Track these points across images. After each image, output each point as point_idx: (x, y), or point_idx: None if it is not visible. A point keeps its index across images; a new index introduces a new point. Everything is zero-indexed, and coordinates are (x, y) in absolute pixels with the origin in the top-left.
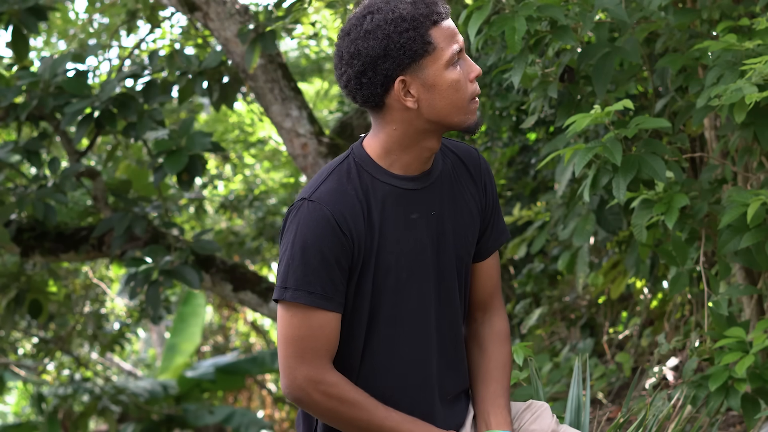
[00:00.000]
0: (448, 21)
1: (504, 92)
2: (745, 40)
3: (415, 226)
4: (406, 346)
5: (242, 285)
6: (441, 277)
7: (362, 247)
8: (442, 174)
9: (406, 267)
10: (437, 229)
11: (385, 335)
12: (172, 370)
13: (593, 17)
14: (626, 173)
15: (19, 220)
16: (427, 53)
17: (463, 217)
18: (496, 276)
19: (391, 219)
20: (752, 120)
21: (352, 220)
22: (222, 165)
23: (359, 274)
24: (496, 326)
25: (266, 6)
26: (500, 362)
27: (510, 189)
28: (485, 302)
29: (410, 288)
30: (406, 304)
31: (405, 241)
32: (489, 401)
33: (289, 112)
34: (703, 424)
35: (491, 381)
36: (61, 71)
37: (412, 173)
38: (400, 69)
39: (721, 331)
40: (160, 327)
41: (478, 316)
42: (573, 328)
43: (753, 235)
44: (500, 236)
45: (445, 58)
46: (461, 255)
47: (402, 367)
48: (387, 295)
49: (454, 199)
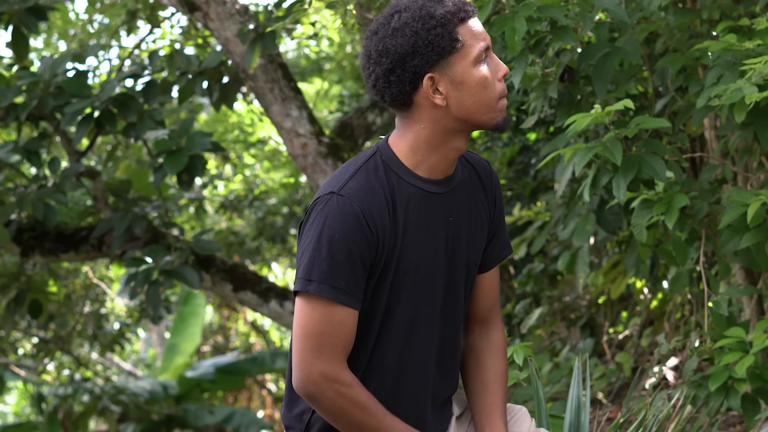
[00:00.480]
0: (475, 19)
1: None
2: (745, 40)
3: (436, 229)
4: (413, 349)
5: (242, 285)
6: (450, 283)
7: (386, 246)
8: (462, 181)
9: (423, 270)
10: (453, 235)
11: (396, 335)
12: (172, 370)
13: (593, 17)
14: (626, 173)
15: (19, 220)
16: (455, 50)
17: (476, 226)
18: (496, 289)
19: (414, 220)
20: (752, 120)
21: (379, 218)
22: (222, 165)
23: (380, 273)
24: (494, 340)
25: (266, 6)
26: (497, 375)
27: (510, 189)
28: (484, 315)
29: (424, 291)
30: (418, 307)
31: (426, 244)
32: (485, 414)
33: (289, 112)
34: (703, 424)
35: (488, 393)
36: (61, 71)
37: (436, 176)
38: (428, 66)
39: (721, 331)
40: (160, 327)
41: (476, 329)
42: (573, 328)
43: (753, 235)
44: (504, 249)
45: (473, 55)
46: (470, 264)
47: (405, 370)
48: (404, 296)
49: (470, 207)
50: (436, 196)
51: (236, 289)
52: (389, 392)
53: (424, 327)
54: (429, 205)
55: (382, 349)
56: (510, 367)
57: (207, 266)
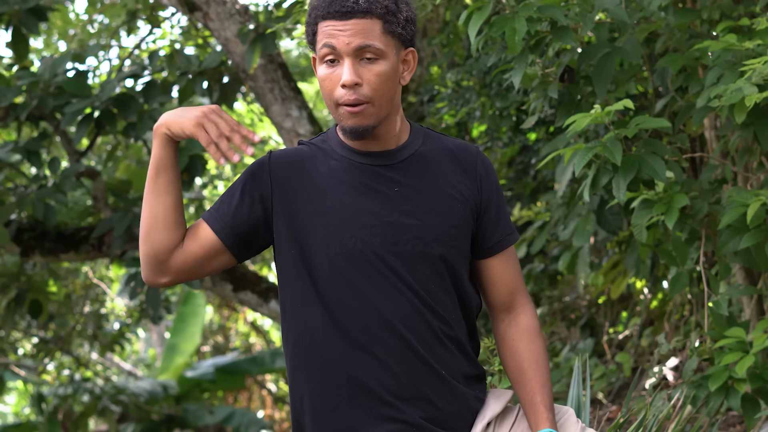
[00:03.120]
0: (335, 21)
1: (504, 92)
2: (745, 40)
3: (370, 198)
4: (366, 316)
5: (242, 285)
6: (405, 252)
7: (291, 190)
8: (418, 155)
9: (353, 233)
10: (400, 207)
11: (334, 298)
12: (172, 370)
13: (593, 17)
14: (626, 173)
15: (19, 220)
16: (314, 44)
17: (442, 202)
18: (514, 273)
19: (340, 187)
20: (752, 120)
21: (289, 165)
22: (222, 165)
23: (292, 218)
24: (523, 323)
25: (266, 6)
26: (531, 360)
27: (510, 189)
28: (507, 302)
29: (361, 256)
30: (355, 272)
31: (355, 210)
32: (527, 403)
33: (289, 112)
34: (703, 424)
35: (526, 381)
36: (61, 71)
37: (371, 149)
38: (312, 47)
39: (721, 331)
40: (160, 327)
41: (502, 317)
42: (573, 328)
43: (753, 235)
44: (506, 234)
45: (319, 53)
46: (439, 236)
47: (365, 333)
48: (332, 261)
49: (431, 181)
50: (369, 167)
51: (236, 289)
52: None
53: (364, 295)
54: (360, 175)
55: (322, 316)
56: None
57: None
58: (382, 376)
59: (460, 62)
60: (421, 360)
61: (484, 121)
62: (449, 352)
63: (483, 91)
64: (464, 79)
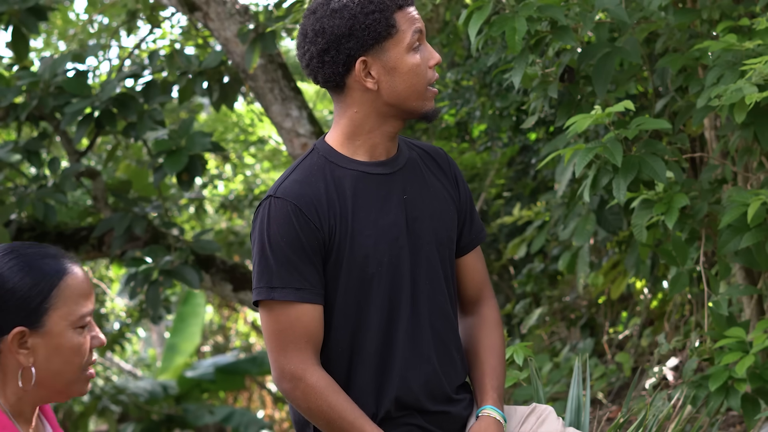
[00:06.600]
0: (412, 7)
1: (504, 92)
2: (745, 40)
3: (390, 209)
4: (397, 330)
5: (242, 285)
6: (421, 262)
7: (336, 232)
8: (410, 161)
9: (384, 249)
10: (412, 213)
11: (376, 319)
12: (172, 370)
13: (593, 17)
14: (626, 173)
15: (19, 220)
16: (390, 36)
17: (439, 203)
18: (481, 270)
19: (363, 203)
20: (752, 120)
21: (320, 206)
22: (222, 165)
23: (338, 257)
24: (484, 314)
25: (266, 6)
26: (488, 346)
27: (510, 189)
28: (475, 296)
29: (393, 271)
30: (391, 287)
31: (382, 223)
32: (477, 383)
33: (289, 112)
34: (703, 424)
35: (479, 364)
36: (61, 71)
37: (378, 158)
38: (362, 50)
39: (721, 331)
40: (160, 327)
41: (470, 309)
42: (573, 328)
43: (753, 235)
44: (479, 233)
45: (406, 41)
46: (444, 240)
47: (391, 352)
48: (372, 278)
49: (426, 184)
50: (382, 177)
51: (236, 289)
52: (377, 376)
53: (405, 307)
54: (376, 186)
55: (364, 335)
56: (510, 367)
57: (207, 266)
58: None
59: (460, 62)
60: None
61: (484, 121)
62: (454, 363)
63: (483, 91)
64: (464, 79)
